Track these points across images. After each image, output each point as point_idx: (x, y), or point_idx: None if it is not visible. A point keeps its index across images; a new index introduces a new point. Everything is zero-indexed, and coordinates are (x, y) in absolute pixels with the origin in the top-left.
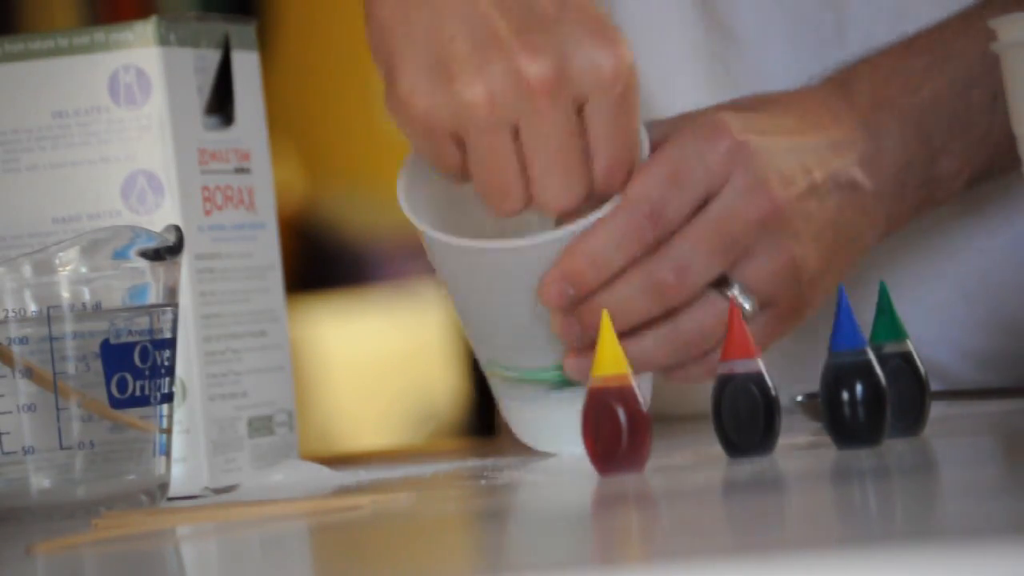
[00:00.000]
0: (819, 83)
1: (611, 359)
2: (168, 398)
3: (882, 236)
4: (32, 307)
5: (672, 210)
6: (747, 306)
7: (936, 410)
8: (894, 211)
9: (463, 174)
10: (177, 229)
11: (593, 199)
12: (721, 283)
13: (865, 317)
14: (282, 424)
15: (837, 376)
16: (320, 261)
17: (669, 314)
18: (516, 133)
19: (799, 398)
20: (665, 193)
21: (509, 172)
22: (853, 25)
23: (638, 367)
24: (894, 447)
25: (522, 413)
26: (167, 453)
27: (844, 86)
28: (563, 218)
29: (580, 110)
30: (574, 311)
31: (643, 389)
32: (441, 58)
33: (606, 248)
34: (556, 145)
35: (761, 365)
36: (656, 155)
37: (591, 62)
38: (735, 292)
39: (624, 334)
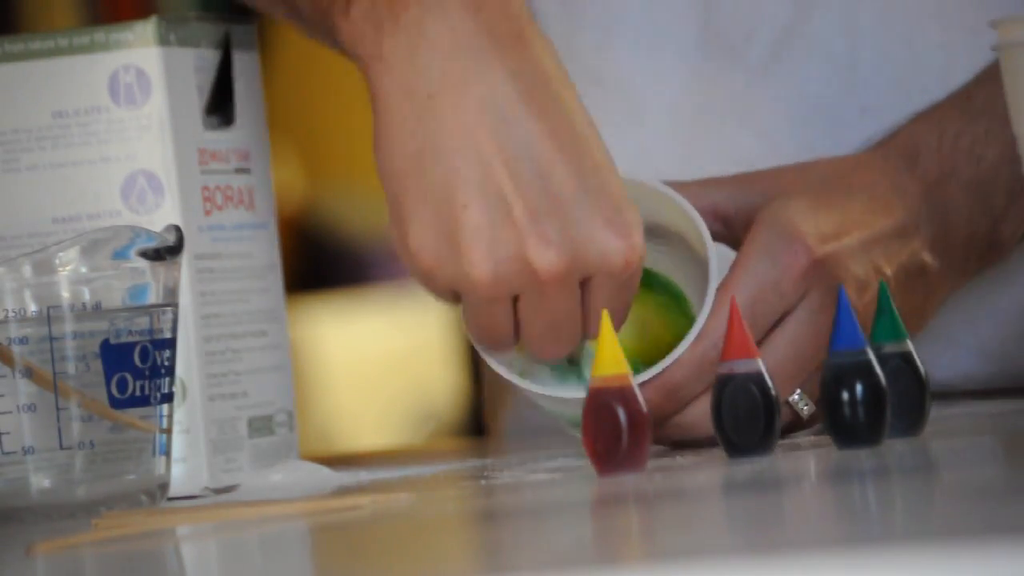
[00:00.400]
0: (881, 148)
1: (611, 359)
2: (168, 398)
3: (939, 307)
4: (32, 307)
5: (757, 323)
6: (805, 411)
7: (936, 410)
8: (957, 283)
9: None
10: (177, 229)
11: None
12: None
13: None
14: (282, 424)
15: (837, 376)
16: (320, 261)
17: None
18: (516, 298)
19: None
20: (750, 320)
21: (504, 332)
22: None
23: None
24: (894, 447)
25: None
26: (167, 453)
27: (909, 156)
28: None
29: (582, 282)
30: None
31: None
32: (451, 225)
33: (685, 381)
34: (554, 319)
35: (761, 365)
36: (731, 282)
37: (602, 251)
38: (795, 399)
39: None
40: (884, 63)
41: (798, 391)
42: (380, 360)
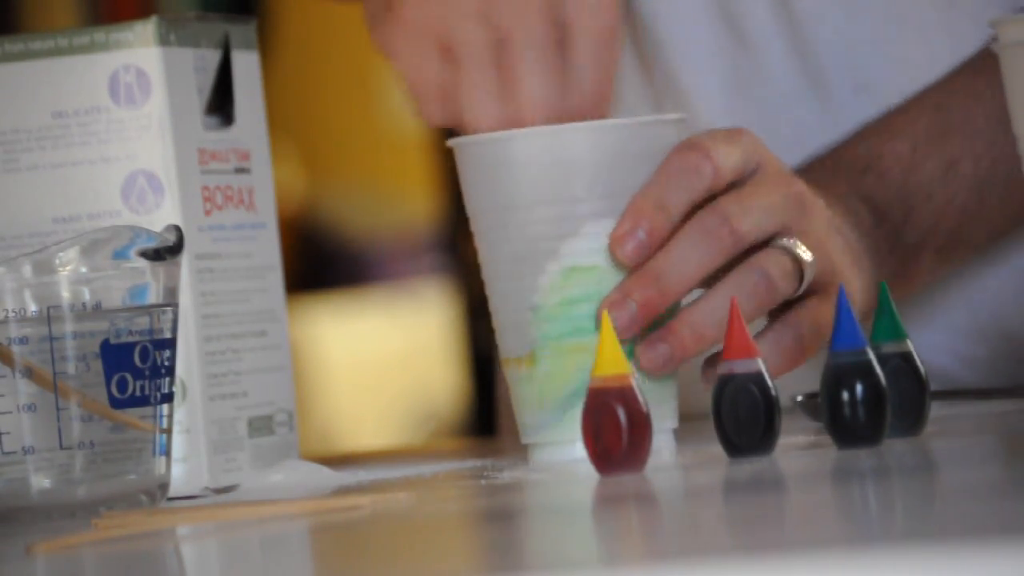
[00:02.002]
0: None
1: (611, 359)
2: (168, 398)
3: (866, 297)
4: (32, 307)
5: (726, 162)
6: (808, 257)
7: (936, 410)
8: (875, 272)
9: (443, 95)
10: (177, 229)
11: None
12: (776, 239)
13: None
14: (282, 424)
15: (837, 376)
16: (320, 261)
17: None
18: (503, 46)
19: (799, 398)
20: (719, 145)
21: (492, 75)
22: (858, 25)
23: (710, 331)
24: (894, 447)
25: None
26: (167, 453)
27: (809, 170)
28: None
29: (565, 39)
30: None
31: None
32: None
33: (667, 188)
34: (542, 50)
35: (761, 365)
36: (699, 134)
37: None
38: (791, 242)
39: (689, 306)
40: (880, 41)
41: (795, 238)
42: (380, 360)
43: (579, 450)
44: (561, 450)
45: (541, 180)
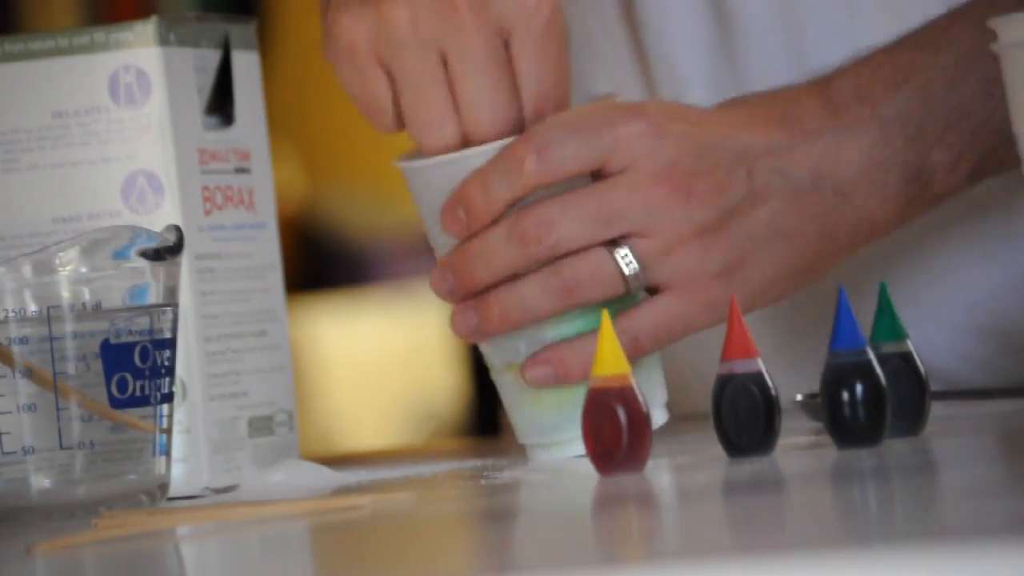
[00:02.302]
0: (803, 82)
1: (611, 359)
2: (168, 398)
3: (867, 235)
4: (32, 307)
5: (561, 155)
6: (631, 270)
7: (936, 410)
8: (876, 209)
9: (392, 113)
10: (177, 229)
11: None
12: (612, 244)
13: (865, 319)
14: (282, 424)
15: (837, 376)
16: (320, 261)
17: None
18: (444, 63)
19: (799, 398)
20: (563, 137)
21: (438, 98)
22: (859, 16)
23: (515, 314)
24: (894, 447)
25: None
26: (167, 453)
27: (824, 83)
28: None
29: (507, 46)
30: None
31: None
32: None
33: (493, 174)
34: (484, 65)
35: (761, 365)
36: (573, 109)
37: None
38: (622, 253)
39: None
40: (877, 38)
41: (628, 247)
42: (380, 360)
43: (578, 448)
44: (561, 450)
45: None
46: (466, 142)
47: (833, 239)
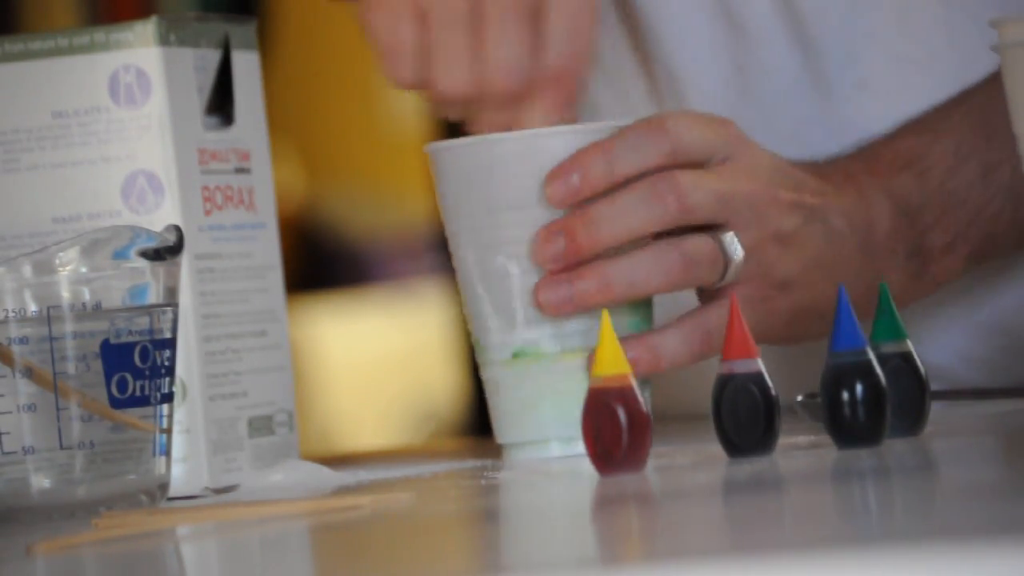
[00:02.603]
0: (814, 159)
1: (611, 359)
2: (168, 398)
3: (869, 296)
4: (32, 307)
5: (691, 138)
6: (737, 256)
7: (936, 410)
8: (887, 277)
9: (412, 61)
10: (177, 229)
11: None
12: (713, 230)
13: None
14: (282, 424)
15: (837, 376)
16: (320, 261)
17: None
18: (477, 14)
19: (799, 398)
20: (691, 122)
21: (462, 41)
22: (861, 21)
23: (618, 287)
24: (894, 447)
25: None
26: (167, 453)
27: (838, 161)
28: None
29: (540, 7)
30: (569, 226)
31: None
32: None
33: (622, 144)
34: (516, 16)
35: (761, 365)
36: (673, 111)
37: None
38: (728, 239)
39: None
40: (881, 37)
41: (733, 232)
42: (380, 360)
43: (554, 449)
44: (536, 450)
45: (518, 183)
46: (477, 90)
47: (852, 292)
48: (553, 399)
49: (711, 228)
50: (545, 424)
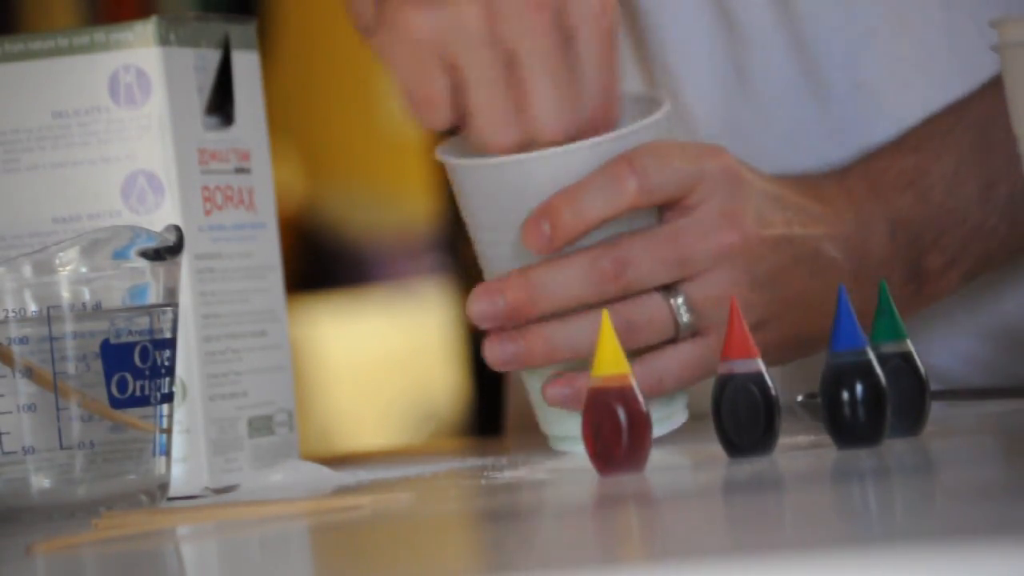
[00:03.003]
0: (816, 172)
1: (611, 359)
2: (168, 398)
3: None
4: (32, 307)
5: (660, 181)
6: (684, 319)
7: (936, 410)
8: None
9: (446, 110)
10: (177, 229)
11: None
12: (668, 290)
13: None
14: (282, 424)
15: (837, 376)
16: (320, 261)
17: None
18: (510, 62)
19: (799, 398)
20: (661, 163)
21: (505, 95)
22: (859, 21)
23: (562, 352)
24: (894, 447)
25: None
26: (167, 453)
27: (840, 177)
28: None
29: (571, 45)
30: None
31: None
32: None
33: (587, 191)
34: (554, 66)
35: (761, 365)
36: (658, 141)
37: None
38: (678, 302)
39: (557, 318)
40: (878, 38)
41: (683, 295)
42: (380, 360)
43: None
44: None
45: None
46: (527, 144)
47: (831, 316)
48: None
49: (671, 287)
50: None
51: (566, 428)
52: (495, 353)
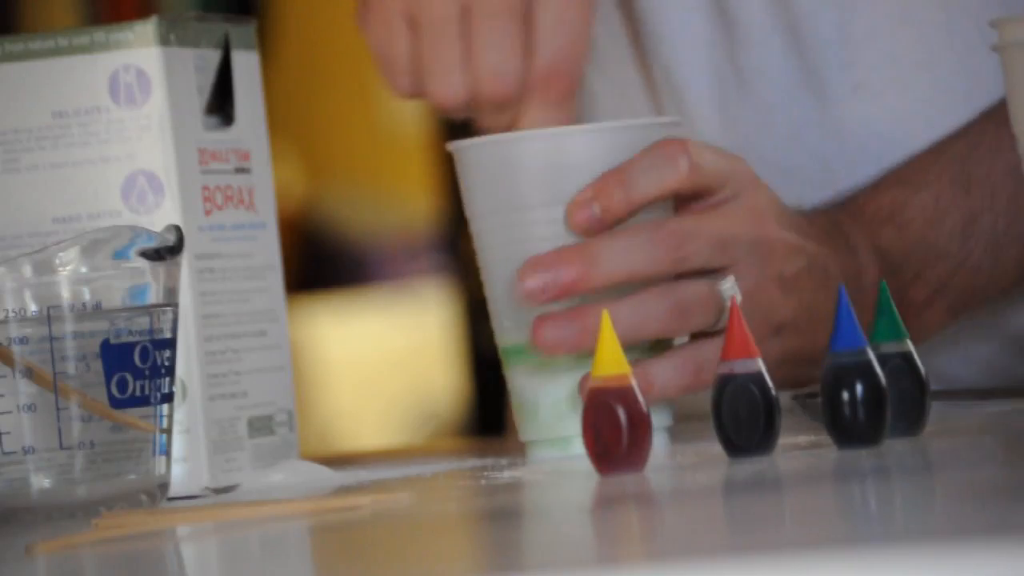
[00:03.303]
0: (801, 208)
1: (611, 359)
2: (168, 398)
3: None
4: (32, 307)
5: (704, 164)
6: (739, 296)
7: (936, 410)
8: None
9: (409, 72)
10: (177, 229)
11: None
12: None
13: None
14: (282, 424)
15: (837, 376)
16: (320, 261)
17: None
18: (464, 15)
19: (799, 398)
20: (704, 149)
21: (452, 47)
22: (859, 21)
23: (633, 331)
24: (894, 447)
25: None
26: (167, 453)
27: (825, 211)
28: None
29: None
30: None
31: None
32: None
33: (638, 170)
34: (500, 15)
35: (761, 365)
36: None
37: None
38: (729, 284)
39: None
40: (877, 39)
41: (732, 277)
42: (380, 360)
43: (577, 447)
44: (560, 447)
45: (541, 182)
46: (472, 96)
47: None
48: (576, 397)
49: (712, 272)
50: (568, 422)
51: (562, 429)
52: (552, 335)
